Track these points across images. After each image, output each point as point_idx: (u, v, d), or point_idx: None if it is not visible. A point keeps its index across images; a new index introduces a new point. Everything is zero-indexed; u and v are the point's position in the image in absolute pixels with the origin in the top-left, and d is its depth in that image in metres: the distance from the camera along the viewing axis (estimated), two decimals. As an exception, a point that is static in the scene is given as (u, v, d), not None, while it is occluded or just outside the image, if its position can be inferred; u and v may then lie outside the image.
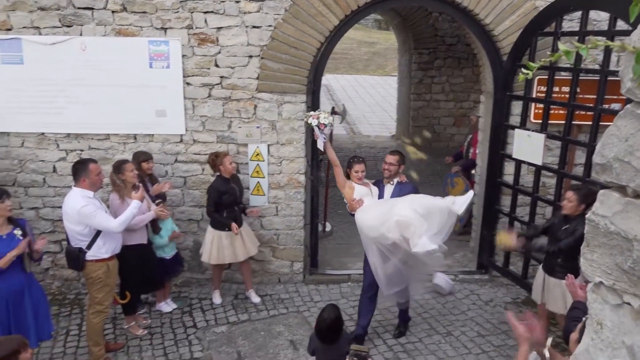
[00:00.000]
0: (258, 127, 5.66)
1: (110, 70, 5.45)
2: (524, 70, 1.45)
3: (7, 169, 5.68)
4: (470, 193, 4.71)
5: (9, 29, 5.35)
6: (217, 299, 5.73)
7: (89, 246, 4.37)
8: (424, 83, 10.86)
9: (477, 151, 6.65)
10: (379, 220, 4.53)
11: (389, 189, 4.98)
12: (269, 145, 5.74)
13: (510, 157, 5.78)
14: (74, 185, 4.44)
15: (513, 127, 5.70)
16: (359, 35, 25.76)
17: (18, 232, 4.00)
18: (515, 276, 5.84)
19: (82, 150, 5.64)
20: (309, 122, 4.95)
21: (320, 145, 5.06)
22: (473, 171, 6.85)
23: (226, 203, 5.35)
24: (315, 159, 6.17)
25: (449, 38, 10.57)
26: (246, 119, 5.66)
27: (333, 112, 7.21)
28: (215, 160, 5.36)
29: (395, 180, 4.98)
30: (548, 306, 4.62)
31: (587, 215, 1.35)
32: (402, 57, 11.83)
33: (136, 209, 4.53)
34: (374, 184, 5.05)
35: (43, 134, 5.61)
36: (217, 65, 5.52)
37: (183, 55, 5.47)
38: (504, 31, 5.54)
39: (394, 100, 12.90)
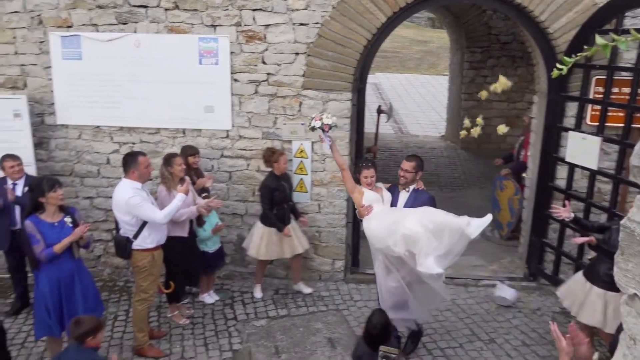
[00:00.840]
0: (303, 124, 5.68)
1: (161, 67, 5.62)
2: (558, 66, 1.38)
3: (65, 160, 5.97)
4: (489, 217, 4.15)
5: (70, 26, 5.62)
6: (258, 293, 5.81)
7: (136, 236, 4.53)
8: (475, 82, 10.55)
9: (528, 153, 6.41)
10: (386, 231, 4.26)
11: (403, 196, 4.67)
12: (313, 143, 5.75)
13: (563, 160, 5.54)
14: (124, 177, 4.61)
15: (567, 129, 5.46)
16: (412, 34, 25.41)
17: (68, 219, 4.20)
18: (565, 285, 5.57)
19: (133, 144, 5.85)
20: (312, 124, 4.67)
21: (326, 147, 4.84)
22: (524, 174, 6.61)
23: (277, 200, 5.40)
24: (360, 156, 6.13)
25: (503, 36, 10.23)
26: (291, 116, 5.70)
27: (379, 110, 7.16)
28: (271, 156, 5.41)
29: (412, 187, 4.67)
30: (582, 317, 4.33)
31: (622, 222, 1.26)
32: (454, 56, 11.57)
33: (181, 201, 4.65)
34: (389, 189, 4.77)
35: (99, 127, 5.86)
36: (264, 62, 5.58)
37: (231, 52, 5.57)
38: (560, 29, 5.30)
39: (445, 100, 12.62)
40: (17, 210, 5.10)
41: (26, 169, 5.31)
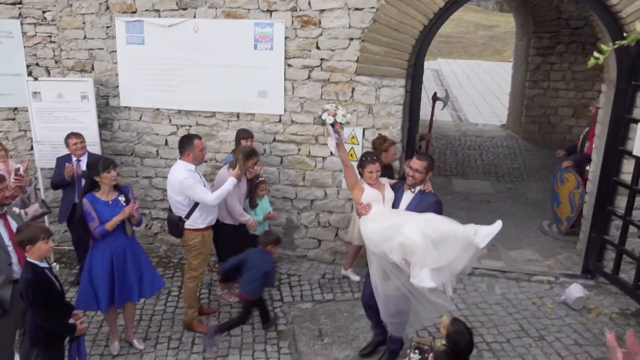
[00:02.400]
0: (354, 111, 5.65)
1: (218, 51, 5.75)
2: (595, 54, 1.29)
3: (127, 140, 6.26)
4: (498, 224, 3.79)
5: (134, 12, 5.84)
6: (355, 276, 5.83)
7: (188, 216, 4.71)
8: (541, 69, 10.08)
9: (593, 146, 6.07)
10: (382, 236, 3.96)
11: (407, 197, 4.27)
12: (364, 129, 5.72)
13: (630, 154, 5.20)
14: (179, 158, 4.79)
15: (636, 121, 5.11)
16: (477, 18, 24.53)
17: (122, 198, 4.40)
18: (626, 285, 5.29)
19: (190, 126, 6.04)
20: (323, 118, 4.31)
21: (331, 146, 4.50)
22: (587, 167, 6.27)
23: None
24: (412, 144, 6.04)
25: (574, 21, 9.67)
26: (343, 102, 5.68)
27: (434, 97, 7.00)
28: (381, 144, 5.40)
29: (418, 188, 4.26)
30: None
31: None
32: (520, 42, 11.07)
33: (232, 185, 4.76)
34: (393, 186, 4.39)
35: (158, 109, 6.10)
36: (318, 48, 5.58)
37: (286, 38, 5.60)
38: (633, 13, 4.94)
39: (508, 88, 12.14)
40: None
41: (91, 148, 5.62)
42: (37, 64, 6.12)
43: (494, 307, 5.41)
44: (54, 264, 3.82)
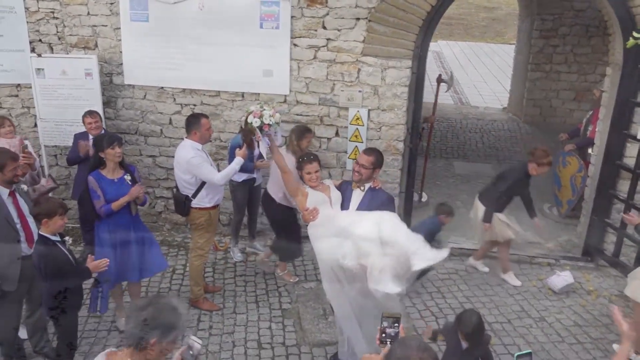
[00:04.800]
0: (360, 92, 5.64)
1: (223, 30, 5.70)
2: (635, 34, 1.29)
3: (131, 119, 6.24)
4: (443, 253, 3.64)
5: (138, -11, 5.76)
6: (483, 267, 5.83)
7: (194, 195, 4.72)
8: (544, 52, 10.03)
9: (596, 129, 6.09)
10: (334, 241, 3.71)
11: (357, 195, 3.97)
12: (369, 110, 5.71)
13: (634, 138, 5.24)
14: (186, 137, 4.79)
15: (641, 105, 5.13)
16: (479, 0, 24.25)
17: (128, 177, 4.39)
18: (626, 268, 5.37)
19: (195, 105, 6.02)
20: (249, 120, 4.15)
21: (262, 150, 4.36)
22: (590, 150, 6.30)
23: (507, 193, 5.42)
24: (416, 127, 6.04)
25: (578, 3, 9.59)
26: (349, 83, 5.66)
27: (439, 79, 6.98)
28: (544, 157, 5.23)
29: (367, 185, 3.99)
30: None
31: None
32: (522, 23, 11.00)
33: (238, 165, 4.77)
34: (340, 186, 4.11)
35: (162, 88, 6.06)
36: (324, 27, 5.54)
37: (292, 17, 5.56)
38: (643, -4, 4.92)
39: (510, 71, 12.10)
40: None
41: (95, 126, 5.60)
42: (40, 40, 6.05)
43: (495, 289, 5.49)
44: (67, 237, 3.85)
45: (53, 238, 3.64)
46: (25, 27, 5.96)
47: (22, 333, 4.36)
